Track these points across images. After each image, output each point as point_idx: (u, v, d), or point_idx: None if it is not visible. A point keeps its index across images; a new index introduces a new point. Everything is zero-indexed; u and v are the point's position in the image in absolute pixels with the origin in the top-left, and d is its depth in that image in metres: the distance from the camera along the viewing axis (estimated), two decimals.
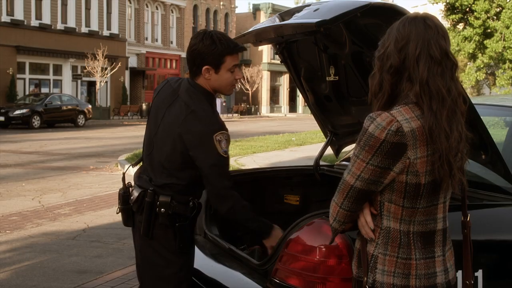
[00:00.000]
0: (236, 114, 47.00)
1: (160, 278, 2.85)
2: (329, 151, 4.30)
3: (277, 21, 3.15)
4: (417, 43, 1.89)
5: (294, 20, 2.84)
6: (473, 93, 37.70)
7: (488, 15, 24.22)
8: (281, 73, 55.00)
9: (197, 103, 2.74)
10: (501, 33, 23.79)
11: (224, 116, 44.37)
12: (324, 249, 2.33)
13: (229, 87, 2.84)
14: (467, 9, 24.64)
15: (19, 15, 33.50)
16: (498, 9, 24.45)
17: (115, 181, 10.60)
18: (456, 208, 2.16)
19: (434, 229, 1.95)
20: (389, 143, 1.84)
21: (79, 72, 36.78)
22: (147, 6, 44.01)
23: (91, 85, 38.08)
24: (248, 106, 50.58)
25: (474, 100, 4.13)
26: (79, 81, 37.59)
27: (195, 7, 48.46)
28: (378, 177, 1.88)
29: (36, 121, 27.28)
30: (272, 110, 55.17)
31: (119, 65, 37.17)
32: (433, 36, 1.90)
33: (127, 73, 40.53)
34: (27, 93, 32.91)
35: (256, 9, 55.04)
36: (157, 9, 44.89)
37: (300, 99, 56.21)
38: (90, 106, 31.81)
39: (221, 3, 51.00)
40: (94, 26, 38.45)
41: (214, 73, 2.76)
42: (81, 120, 29.93)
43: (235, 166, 11.77)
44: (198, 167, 2.71)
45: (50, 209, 8.18)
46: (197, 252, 3.32)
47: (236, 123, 36.27)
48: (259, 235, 2.88)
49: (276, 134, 22.51)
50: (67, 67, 36.64)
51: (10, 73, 32.41)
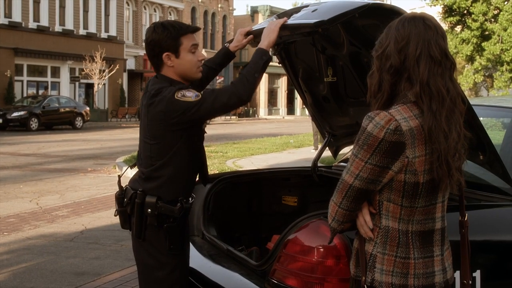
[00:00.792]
0: (234, 116, 46.99)
1: (154, 280, 2.84)
2: (327, 153, 4.30)
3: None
4: (417, 44, 1.89)
5: (292, 21, 2.84)
6: (471, 95, 37.74)
7: (486, 18, 24.30)
8: (279, 75, 55.02)
9: (157, 90, 2.74)
10: (499, 35, 23.86)
11: (222, 119, 44.41)
12: (322, 250, 2.33)
13: (195, 69, 2.83)
14: (465, 12, 24.73)
15: (17, 17, 33.48)
16: (496, 12, 24.53)
17: (113, 183, 10.58)
18: (454, 209, 2.16)
19: (433, 229, 1.95)
20: (388, 142, 1.84)
21: (77, 74, 36.74)
22: (145, 8, 44.02)
23: (89, 87, 38.07)
24: (246, 108, 50.58)
25: (472, 101, 4.14)
26: (77, 83, 37.56)
27: (193, 9, 48.48)
28: (377, 176, 1.88)
29: (34, 123, 27.26)
30: (270, 112, 55.18)
31: (117, 67, 37.16)
32: (433, 36, 1.90)
33: (125, 75, 40.52)
34: (25, 95, 32.93)
35: (254, 11, 55.08)
36: (155, 11, 44.89)
37: (298, 101, 56.24)
38: (88, 108, 31.81)
39: (219, 6, 51.05)
40: (92, 28, 38.45)
41: (175, 58, 2.76)
42: (79, 122, 29.91)
43: (233, 168, 11.77)
44: (196, 126, 2.79)
45: (48, 211, 8.17)
46: (195, 253, 3.32)
47: (234, 125, 36.27)
48: (267, 58, 2.84)
49: (274, 136, 22.50)
50: (65, 69, 36.62)
51: (8, 75, 32.39)
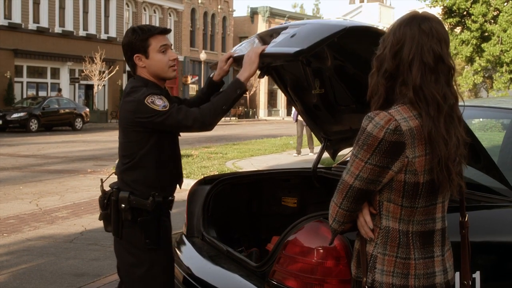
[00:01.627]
0: (234, 118, 47.01)
1: (135, 279, 2.89)
2: (327, 154, 4.29)
3: (257, 42, 3.16)
4: (410, 49, 1.88)
5: (272, 49, 2.84)
6: (471, 96, 37.74)
7: (486, 19, 24.29)
8: None
9: (130, 88, 2.86)
10: (499, 37, 23.85)
11: (222, 120, 44.38)
12: (322, 251, 2.33)
13: (166, 69, 2.91)
14: (465, 13, 24.71)
15: (17, 19, 33.48)
16: (496, 13, 24.52)
17: None
18: (454, 210, 2.16)
19: (433, 229, 1.95)
20: (388, 142, 1.84)
21: (77, 76, 36.76)
22: (145, 10, 44.02)
23: (89, 89, 38.07)
24: (246, 110, 50.61)
25: (471, 102, 4.14)
26: (77, 85, 37.57)
27: (193, 11, 48.48)
28: (377, 176, 1.88)
29: (34, 125, 27.26)
30: (270, 114, 55.19)
31: (117, 69, 37.16)
32: (427, 42, 1.88)
33: (125, 77, 40.49)
34: (25, 97, 32.93)
35: (254, 13, 55.09)
36: (155, 13, 44.89)
37: None
38: (88, 110, 31.80)
39: (219, 7, 51.05)
40: (92, 30, 38.45)
41: (146, 59, 2.87)
42: (79, 124, 29.91)
43: (233, 169, 11.77)
44: (162, 131, 2.82)
45: (48, 212, 8.17)
46: (195, 254, 3.32)
47: (234, 127, 36.27)
48: (242, 92, 2.88)
49: (274, 138, 22.50)
50: (65, 71, 36.62)
51: (8, 77, 32.38)
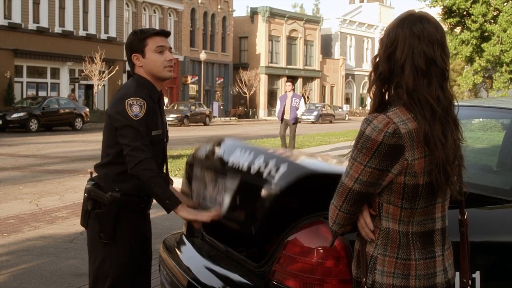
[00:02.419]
0: (234, 118, 47.00)
1: (90, 271, 3.01)
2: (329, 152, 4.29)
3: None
4: (402, 51, 1.88)
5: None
6: (471, 96, 37.75)
7: (485, 19, 24.31)
8: (279, 77, 55.05)
9: (124, 86, 3.01)
10: (498, 37, 23.86)
11: (222, 120, 44.42)
12: (322, 251, 2.33)
13: (161, 68, 3.00)
14: (464, 13, 24.72)
15: (17, 19, 33.49)
16: (495, 13, 24.53)
17: None
18: (453, 208, 2.16)
19: (433, 229, 1.95)
20: (387, 145, 1.84)
21: (77, 76, 36.77)
22: (145, 10, 44.03)
23: (89, 89, 38.09)
24: (246, 110, 50.60)
25: (472, 102, 4.14)
26: (77, 85, 37.59)
27: (193, 11, 48.48)
28: (376, 179, 1.88)
29: (34, 125, 27.26)
30: (270, 114, 55.17)
31: (117, 69, 37.17)
32: (417, 45, 1.87)
33: (125, 77, 40.48)
34: (25, 97, 32.93)
35: (254, 13, 55.10)
36: (155, 13, 44.91)
37: None
38: (88, 110, 31.80)
39: (219, 7, 51.04)
40: (92, 30, 38.46)
41: (142, 58, 2.98)
42: (79, 124, 29.91)
43: None
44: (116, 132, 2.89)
45: (48, 212, 8.17)
46: (195, 254, 3.32)
47: (234, 126, 36.27)
48: (163, 206, 2.88)
49: (274, 138, 22.47)
50: (65, 71, 36.64)
51: (8, 77, 32.40)
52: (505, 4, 24.23)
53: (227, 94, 52.62)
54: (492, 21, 24.60)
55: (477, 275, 2.44)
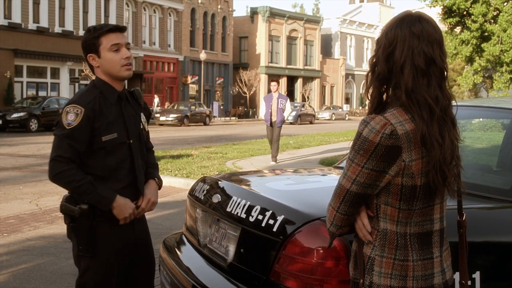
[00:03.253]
0: (234, 117, 46.99)
1: (76, 282, 2.94)
2: (328, 154, 4.29)
3: None
4: (402, 51, 1.88)
5: None
6: (471, 96, 37.73)
7: (485, 19, 24.27)
8: (279, 76, 55.06)
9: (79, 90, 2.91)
10: (498, 36, 23.84)
11: (222, 120, 44.41)
12: (322, 251, 2.33)
13: (119, 68, 2.83)
14: (464, 13, 24.69)
15: (17, 19, 33.49)
16: (495, 13, 24.50)
17: None
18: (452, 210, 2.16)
19: (431, 230, 1.95)
20: (384, 147, 1.84)
21: (77, 75, 36.76)
22: (145, 10, 44.03)
23: None
24: (246, 109, 50.60)
25: (471, 102, 4.14)
26: (77, 84, 37.58)
27: (193, 10, 48.48)
28: (374, 181, 1.88)
29: (34, 125, 27.28)
30: None
31: None
32: (417, 45, 1.87)
33: None
34: (25, 96, 32.94)
35: (254, 13, 55.11)
36: (155, 13, 44.90)
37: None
38: None
39: (219, 7, 51.03)
40: None
41: (98, 58, 2.83)
42: None
43: (233, 169, 11.77)
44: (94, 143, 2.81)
45: (48, 212, 8.16)
46: (195, 255, 3.32)
47: (234, 126, 36.26)
48: (101, 206, 2.80)
49: None
50: (65, 70, 36.63)
51: (8, 77, 32.40)
52: (505, 4, 24.20)
53: (227, 94, 52.62)
54: (492, 21, 24.57)
55: (477, 275, 2.44)
